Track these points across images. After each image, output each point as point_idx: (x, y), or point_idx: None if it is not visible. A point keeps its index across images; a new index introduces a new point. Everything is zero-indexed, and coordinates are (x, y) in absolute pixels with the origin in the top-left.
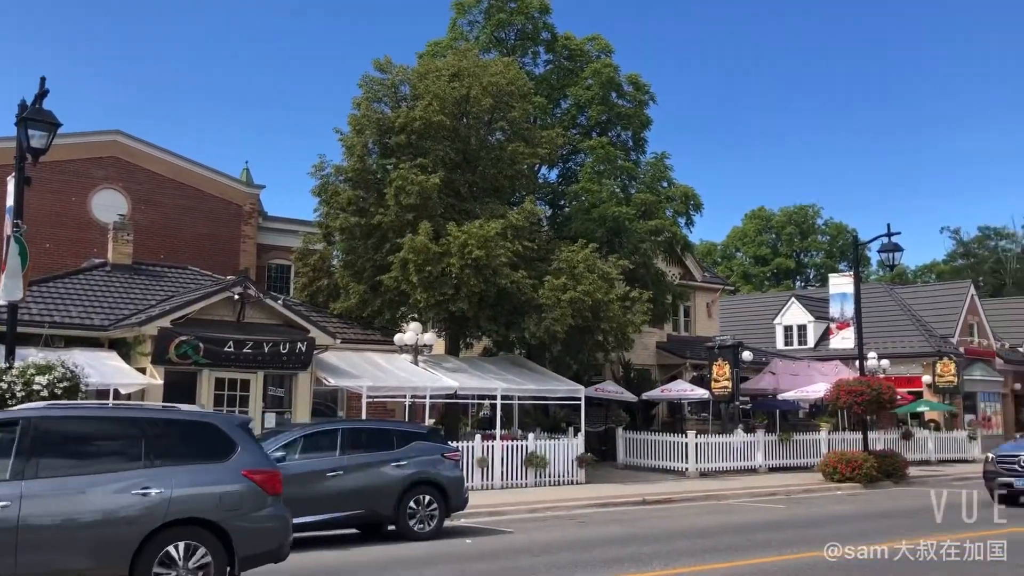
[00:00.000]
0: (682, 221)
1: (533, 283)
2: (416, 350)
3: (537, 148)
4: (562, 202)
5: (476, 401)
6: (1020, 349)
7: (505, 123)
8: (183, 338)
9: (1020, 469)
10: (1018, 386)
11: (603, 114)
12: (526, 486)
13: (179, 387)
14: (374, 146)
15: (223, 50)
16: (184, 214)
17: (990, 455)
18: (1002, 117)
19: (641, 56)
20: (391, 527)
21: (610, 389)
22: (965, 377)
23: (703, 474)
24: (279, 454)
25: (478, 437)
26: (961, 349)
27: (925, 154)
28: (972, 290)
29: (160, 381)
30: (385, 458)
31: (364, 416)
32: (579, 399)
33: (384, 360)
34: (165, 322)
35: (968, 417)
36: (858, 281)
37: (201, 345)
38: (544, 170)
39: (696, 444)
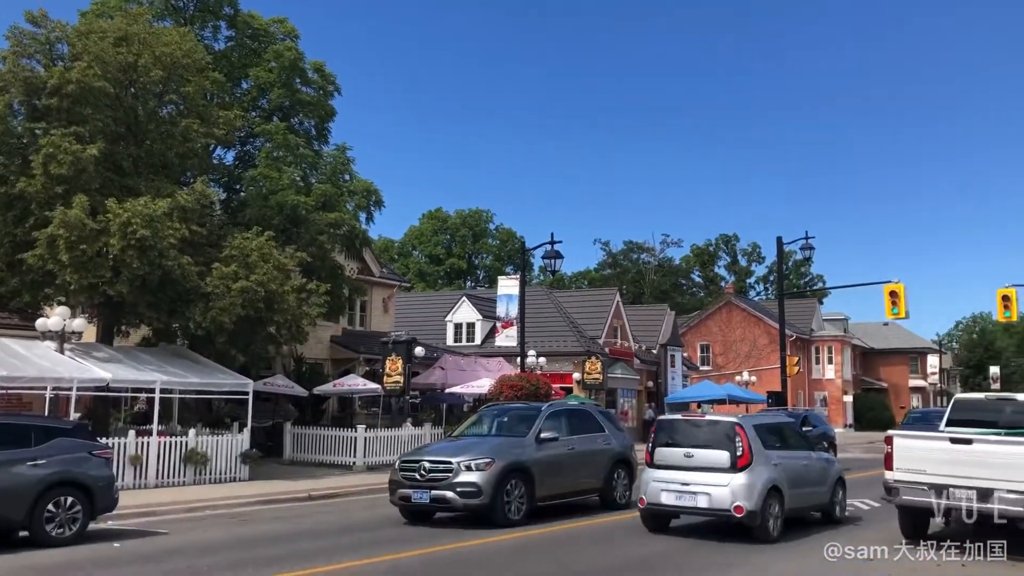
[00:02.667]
0: (363, 216)
1: (201, 270)
2: (62, 337)
3: (213, 127)
4: (238, 186)
5: (131, 394)
6: (653, 351)
7: (178, 97)
8: None
9: (420, 479)
10: (650, 384)
11: (285, 99)
12: (184, 484)
13: None
14: (20, 107)
15: None
16: None
17: (397, 462)
18: (648, 147)
19: (328, 50)
20: (24, 533)
21: (280, 383)
22: (609, 375)
23: (371, 468)
24: None
25: (132, 433)
26: (606, 350)
27: (585, 172)
28: (617, 297)
29: None
30: (18, 457)
31: None
32: (247, 393)
33: (22, 347)
34: None
35: (610, 411)
36: (523, 284)
37: None
38: (220, 151)
39: (365, 438)
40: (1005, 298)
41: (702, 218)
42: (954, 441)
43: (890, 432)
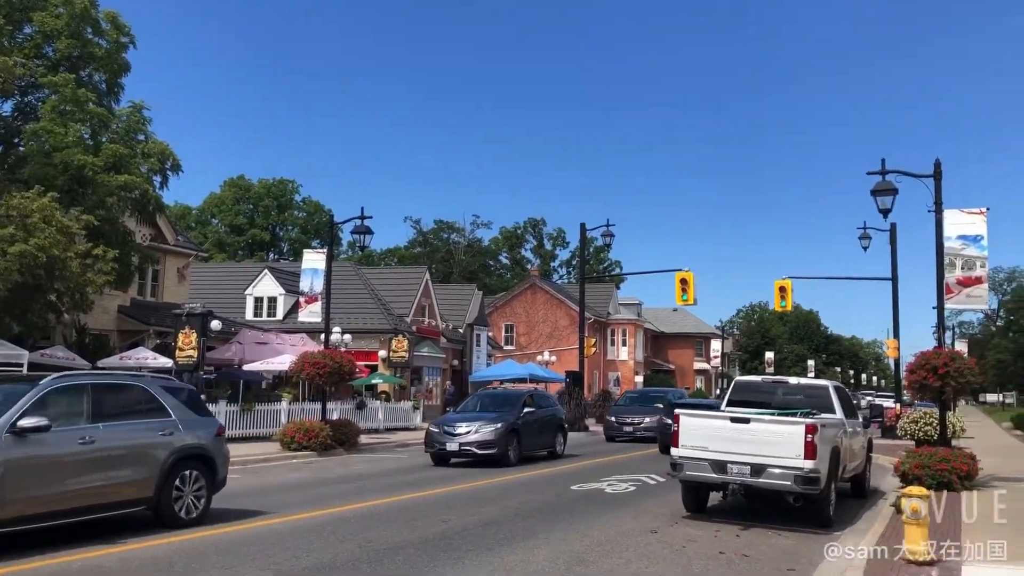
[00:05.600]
0: (157, 180)
1: None
2: None
3: None
4: (17, 140)
5: None
6: (460, 330)
7: None
8: None
9: None
10: (456, 362)
11: (74, 49)
12: None
13: None
14: None
15: None
16: None
17: None
18: (460, 127)
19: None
20: None
21: (60, 355)
22: (415, 353)
23: None
24: None
25: None
26: (414, 328)
27: (397, 149)
28: (427, 275)
29: None
30: None
31: None
32: (21, 365)
33: None
34: None
35: (414, 389)
36: (330, 258)
37: None
38: None
39: None
40: (782, 289)
41: (511, 202)
42: (734, 420)
43: (678, 411)
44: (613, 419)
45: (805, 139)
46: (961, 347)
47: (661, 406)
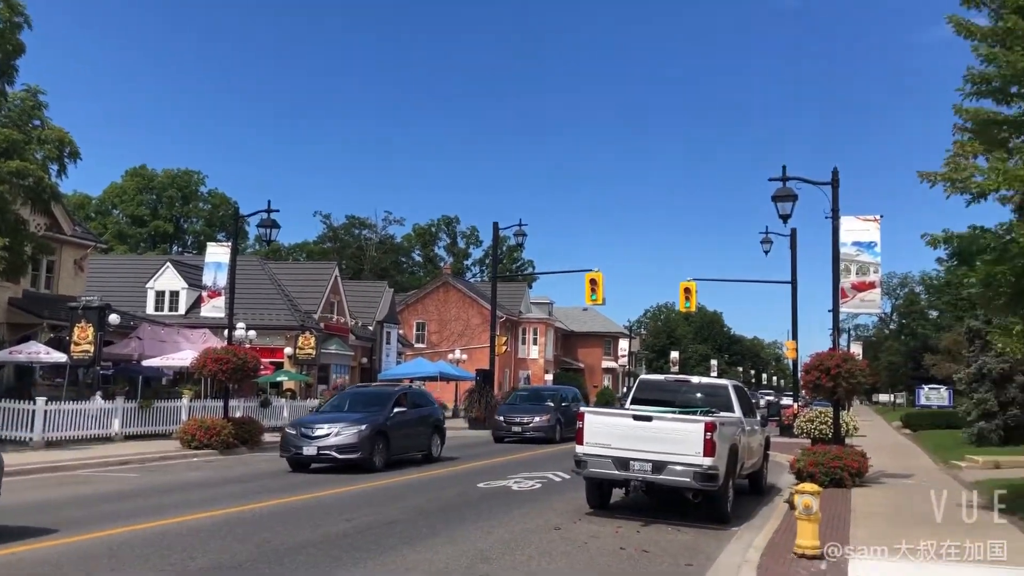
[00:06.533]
0: (54, 168)
1: None
2: None
3: None
4: None
5: None
6: (369, 328)
7: None
8: None
9: None
10: (364, 360)
11: None
12: None
13: None
14: None
15: None
16: None
17: None
18: (373, 123)
19: None
20: None
21: None
22: (322, 350)
23: (52, 444)
24: None
25: None
26: (322, 324)
27: (308, 143)
28: (336, 271)
29: None
30: None
31: None
32: None
33: None
34: None
35: (321, 387)
36: (235, 252)
37: None
38: None
39: (45, 411)
40: (687, 290)
41: (425, 198)
42: (636, 418)
43: (583, 409)
44: (501, 419)
45: (712, 143)
46: (856, 349)
47: (552, 404)
